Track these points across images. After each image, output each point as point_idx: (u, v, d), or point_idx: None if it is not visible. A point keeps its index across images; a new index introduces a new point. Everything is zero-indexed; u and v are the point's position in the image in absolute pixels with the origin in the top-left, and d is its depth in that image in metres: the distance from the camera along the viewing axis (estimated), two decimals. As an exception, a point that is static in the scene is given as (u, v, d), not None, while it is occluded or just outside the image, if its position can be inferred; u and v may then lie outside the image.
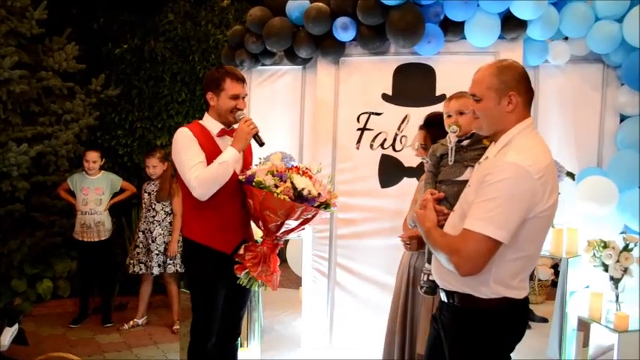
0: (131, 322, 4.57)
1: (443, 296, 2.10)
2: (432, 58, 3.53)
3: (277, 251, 2.70)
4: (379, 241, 3.61)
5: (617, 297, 3.08)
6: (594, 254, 3.09)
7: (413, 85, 3.59)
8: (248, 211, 2.64)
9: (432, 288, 2.31)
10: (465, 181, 2.15)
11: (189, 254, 2.67)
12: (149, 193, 4.45)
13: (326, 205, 2.62)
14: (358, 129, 3.68)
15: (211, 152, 2.57)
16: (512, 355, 2.01)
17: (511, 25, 3.29)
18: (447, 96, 3.44)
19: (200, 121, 2.68)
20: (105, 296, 4.77)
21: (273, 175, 2.52)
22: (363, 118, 3.67)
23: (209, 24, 5.57)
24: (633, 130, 3.34)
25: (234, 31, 3.95)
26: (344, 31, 3.44)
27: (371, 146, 3.66)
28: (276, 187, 2.48)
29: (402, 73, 3.60)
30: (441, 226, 2.08)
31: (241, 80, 2.64)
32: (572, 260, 3.25)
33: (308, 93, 3.92)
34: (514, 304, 1.93)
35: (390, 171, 3.61)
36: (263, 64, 3.94)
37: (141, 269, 4.43)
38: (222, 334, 2.74)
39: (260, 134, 2.64)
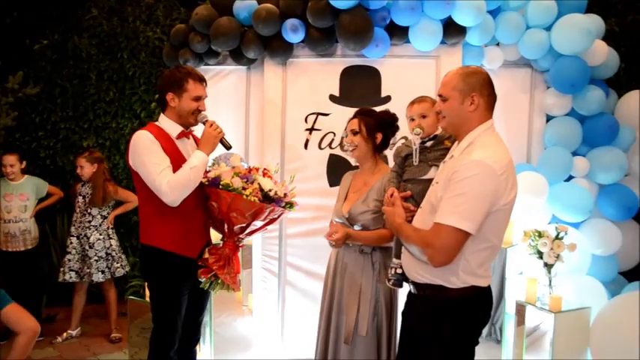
0: (64, 335, 4.33)
1: (413, 289, 2.22)
2: (378, 60, 3.65)
3: (239, 252, 2.71)
4: (328, 239, 3.67)
5: (550, 281, 3.37)
6: (530, 243, 3.36)
7: (359, 86, 3.69)
8: (210, 213, 2.61)
9: (400, 281, 2.42)
10: (430, 180, 2.29)
11: (152, 262, 2.58)
12: (84, 196, 4.23)
13: (290, 205, 2.68)
14: (306, 129, 3.73)
15: (173, 155, 2.51)
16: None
17: (452, 31, 3.49)
18: (391, 97, 3.69)
19: (156, 123, 2.60)
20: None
21: (240, 177, 2.53)
22: (311, 118, 3.72)
23: (137, 20, 5.36)
24: (559, 128, 3.67)
25: (178, 29, 3.85)
26: (293, 32, 3.47)
27: (319, 146, 3.73)
28: (244, 189, 2.49)
29: (349, 75, 3.70)
30: (409, 222, 2.22)
31: (203, 81, 2.62)
32: (510, 249, 3.51)
33: (253, 94, 3.91)
34: (481, 291, 2.11)
35: (339, 170, 3.65)
36: (206, 64, 3.87)
37: (71, 277, 4.20)
38: (183, 341, 2.69)
39: (225, 137, 2.62)
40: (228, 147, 2.63)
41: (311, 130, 3.72)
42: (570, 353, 3.32)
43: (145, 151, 2.43)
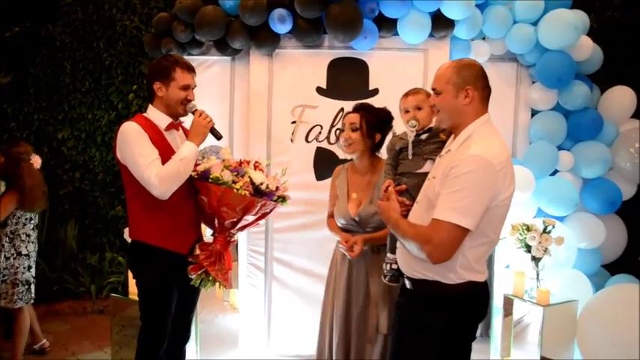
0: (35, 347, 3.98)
1: (408, 284, 2.18)
2: (366, 52, 3.61)
3: (230, 248, 2.64)
4: (315, 233, 3.62)
5: (538, 275, 3.40)
6: (518, 237, 3.38)
7: (347, 78, 3.64)
8: (200, 208, 2.53)
9: (396, 277, 2.37)
10: (425, 174, 2.26)
11: (140, 258, 2.49)
12: None
13: (283, 199, 2.61)
14: (293, 122, 3.66)
15: (162, 147, 2.42)
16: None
17: (440, 24, 3.46)
18: (379, 90, 3.65)
19: (144, 115, 2.50)
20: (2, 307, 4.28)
21: (230, 170, 2.45)
22: (298, 111, 3.66)
23: (113, 8, 5.19)
24: (544, 123, 3.69)
25: (160, 18, 3.73)
26: (281, 23, 3.40)
27: (306, 139, 3.67)
28: (234, 182, 2.42)
29: (336, 67, 3.64)
30: (404, 217, 2.18)
31: (192, 70, 2.54)
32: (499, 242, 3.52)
33: (238, 85, 3.82)
34: (478, 286, 2.08)
35: (325, 164, 3.63)
36: (190, 54, 3.76)
37: None
38: (173, 339, 2.61)
39: (215, 127, 2.54)
40: (218, 137, 2.55)
41: (298, 122, 3.66)
42: (558, 346, 3.36)
43: (132, 143, 2.34)
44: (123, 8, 5.23)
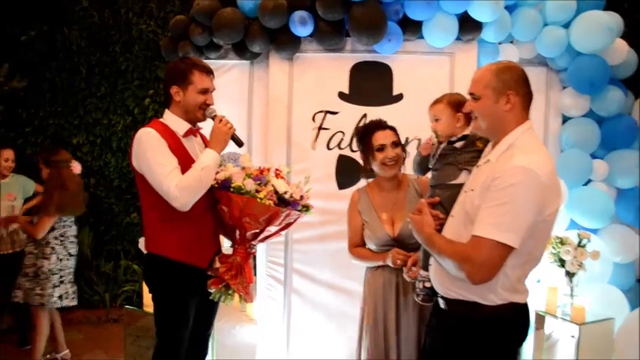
0: (48, 356, 3.94)
1: (442, 304, 2.03)
2: (389, 56, 3.47)
3: (250, 260, 2.51)
4: (337, 244, 3.45)
5: (572, 290, 3.23)
6: (551, 251, 3.21)
7: (370, 83, 3.50)
8: (220, 219, 2.41)
9: (430, 296, 2.22)
10: (460, 185, 2.11)
11: (158, 272, 2.36)
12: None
13: (306, 208, 2.50)
14: (314, 128, 3.54)
15: (180, 155, 2.30)
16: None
17: (468, 26, 3.31)
18: (403, 95, 3.51)
19: (161, 120, 2.38)
20: (19, 315, 4.22)
21: (252, 179, 2.33)
22: (319, 117, 3.53)
23: (129, 12, 5.12)
24: (577, 130, 3.52)
25: (177, 20, 3.63)
26: (302, 25, 3.28)
27: (327, 146, 3.54)
28: (257, 191, 2.30)
29: (359, 71, 3.50)
30: (438, 231, 2.03)
31: (210, 73, 2.42)
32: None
33: (257, 90, 3.70)
34: (520, 308, 1.93)
35: (348, 172, 3.50)
36: (207, 58, 3.65)
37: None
38: (191, 355, 2.49)
39: (236, 133, 2.42)
40: (240, 144, 2.43)
41: (319, 129, 3.53)
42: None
43: (150, 151, 2.22)
44: (139, 12, 5.16)
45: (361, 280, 2.75)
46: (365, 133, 2.63)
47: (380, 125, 2.62)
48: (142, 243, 3.48)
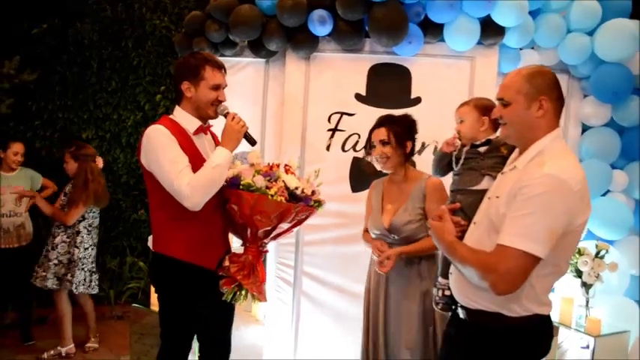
0: (52, 351, 3.94)
1: (462, 314, 1.97)
2: (408, 59, 3.41)
3: (263, 258, 2.44)
4: (349, 248, 3.43)
5: (588, 302, 3.16)
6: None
7: (388, 86, 3.44)
8: (230, 217, 2.34)
9: (449, 304, 2.17)
10: (483, 191, 2.05)
11: (164, 273, 2.29)
12: (65, 194, 3.91)
13: (318, 203, 2.42)
14: (329, 129, 3.48)
15: (191, 154, 2.22)
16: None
17: (490, 30, 3.25)
18: (422, 99, 3.45)
19: (171, 117, 2.30)
20: (23, 310, 4.17)
21: (262, 175, 2.27)
22: (335, 118, 3.47)
23: (143, 7, 5.07)
24: (597, 140, 3.46)
25: (193, 16, 3.58)
26: (321, 24, 3.22)
27: (342, 148, 3.48)
28: (268, 188, 2.23)
29: (377, 73, 3.45)
30: (459, 239, 1.96)
31: (222, 68, 2.33)
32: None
33: (271, 89, 3.65)
34: (543, 320, 1.86)
35: (362, 175, 3.43)
36: (222, 55, 3.60)
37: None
38: (213, 358, 2.44)
39: (249, 131, 2.35)
40: (253, 142, 2.35)
41: (334, 130, 3.47)
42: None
43: (160, 149, 2.14)
44: (153, 7, 5.11)
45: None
46: (370, 130, 2.69)
47: (378, 122, 2.65)
48: (150, 241, 3.44)
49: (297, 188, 2.27)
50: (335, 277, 3.49)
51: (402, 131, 2.60)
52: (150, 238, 3.43)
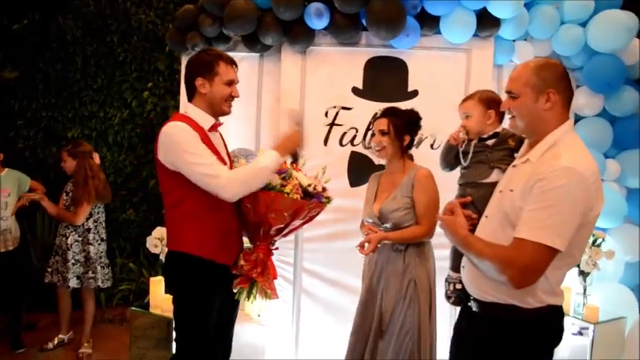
0: (56, 340, 3.99)
1: (475, 307, 1.97)
2: (405, 51, 3.40)
3: (272, 256, 2.43)
4: (349, 242, 3.34)
5: (585, 290, 3.21)
6: (567, 250, 3.19)
7: (385, 79, 3.43)
8: (243, 216, 2.32)
9: (461, 298, 2.16)
10: (492, 184, 2.05)
11: (183, 271, 2.24)
12: (67, 193, 3.85)
13: (328, 200, 2.46)
14: (327, 124, 3.45)
15: (210, 150, 2.20)
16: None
17: (486, 22, 3.27)
18: (419, 92, 3.45)
19: (185, 114, 2.27)
20: (12, 316, 4.06)
21: (277, 173, 2.27)
22: (332, 112, 3.45)
23: (127, 1, 4.96)
24: (590, 130, 3.51)
25: (186, 10, 3.51)
26: (318, 18, 3.19)
27: (340, 143, 3.46)
28: (282, 186, 2.25)
29: (373, 67, 3.44)
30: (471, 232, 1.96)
31: (234, 64, 2.33)
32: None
33: (266, 84, 3.61)
34: (557, 310, 1.87)
35: (360, 169, 3.43)
36: (216, 50, 3.54)
37: (58, 280, 3.82)
38: (216, 357, 2.42)
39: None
40: (296, 158, 2.39)
41: (331, 125, 3.45)
42: (605, 365, 3.17)
43: (185, 144, 2.11)
44: (138, 1, 4.99)
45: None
46: (373, 120, 2.80)
47: (382, 113, 2.71)
48: (149, 242, 3.38)
49: (309, 185, 2.30)
50: (335, 272, 3.48)
51: (402, 124, 2.65)
52: (149, 239, 3.39)
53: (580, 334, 3.26)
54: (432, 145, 3.43)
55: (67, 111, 4.82)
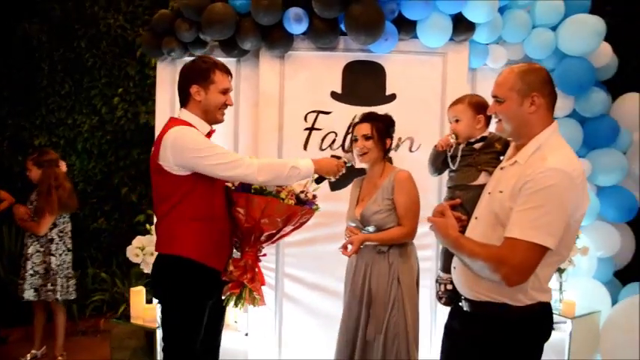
0: (28, 356, 3.86)
1: (467, 307, 2.01)
2: (382, 56, 3.43)
3: (260, 262, 2.46)
4: (329, 246, 3.38)
5: (561, 286, 3.30)
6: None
7: (363, 83, 3.45)
8: (235, 221, 2.33)
9: (452, 298, 2.20)
10: (480, 186, 2.11)
11: (175, 275, 2.22)
12: (31, 202, 3.75)
13: (317, 206, 2.55)
14: (306, 128, 3.45)
15: None
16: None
17: (461, 27, 3.32)
18: (396, 95, 3.49)
19: (183, 119, 2.27)
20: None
21: None
22: (311, 117, 3.45)
23: (95, 5, 4.84)
24: (561, 130, 3.57)
25: (162, 15, 3.45)
26: (297, 23, 3.19)
27: (320, 147, 3.46)
28: (277, 192, 2.33)
29: (352, 71, 3.45)
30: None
31: (229, 73, 2.37)
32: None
33: (243, 89, 3.59)
34: (546, 307, 1.94)
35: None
36: (192, 55, 3.50)
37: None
38: None
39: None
40: (319, 182, 2.51)
41: (311, 129, 3.45)
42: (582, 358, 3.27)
43: (198, 144, 2.14)
44: (105, 6, 4.88)
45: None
46: (353, 125, 2.78)
47: (362, 118, 2.74)
48: (130, 252, 3.31)
49: (302, 192, 2.37)
50: (317, 277, 3.47)
51: (384, 128, 2.71)
52: (129, 248, 3.32)
53: (553, 329, 3.36)
54: (410, 148, 3.47)
55: (34, 118, 4.68)
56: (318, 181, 2.49)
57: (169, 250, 2.22)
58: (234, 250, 2.46)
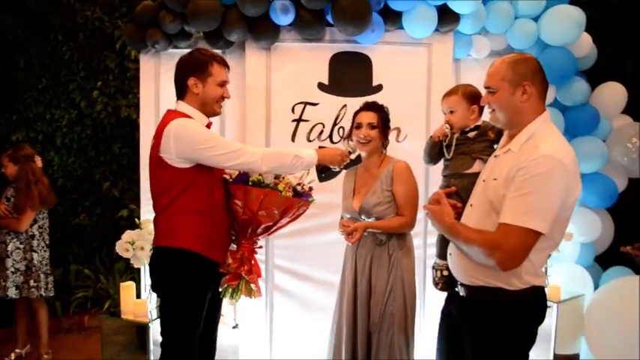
0: (12, 355, 3.80)
1: (463, 292, 2.06)
2: (368, 47, 3.44)
3: (255, 255, 2.47)
4: (319, 237, 3.45)
5: (546, 271, 3.38)
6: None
7: (349, 74, 3.46)
8: (232, 214, 2.34)
9: (448, 283, 2.25)
10: (475, 174, 2.15)
11: (174, 267, 2.21)
12: (8, 199, 3.67)
13: (313, 199, 2.55)
14: (293, 120, 3.45)
15: None
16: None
17: (446, 18, 3.35)
18: (383, 86, 3.51)
19: (182, 111, 2.27)
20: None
21: None
22: (299, 108, 3.45)
23: (71, -2, 4.74)
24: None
25: (145, 7, 3.39)
26: (284, 14, 3.17)
27: (308, 138, 3.46)
28: (275, 184, 2.33)
29: (338, 62, 3.45)
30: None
31: (227, 66, 2.37)
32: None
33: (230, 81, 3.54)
34: (540, 291, 2.00)
35: (329, 164, 3.44)
36: (176, 47, 3.46)
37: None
38: (203, 357, 2.41)
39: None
40: (321, 177, 2.59)
41: (298, 120, 3.45)
42: (567, 341, 3.36)
43: (201, 135, 2.16)
44: (82, -3, 4.78)
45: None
46: (355, 112, 2.75)
47: (367, 106, 2.73)
48: (119, 246, 3.26)
49: (299, 184, 2.39)
50: (307, 268, 3.49)
51: (386, 119, 2.74)
52: (118, 243, 3.27)
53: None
54: (397, 138, 3.49)
55: (11, 113, 4.56)
56: (322, 171, 2.48)
57: (169, 243, 2.21)
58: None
